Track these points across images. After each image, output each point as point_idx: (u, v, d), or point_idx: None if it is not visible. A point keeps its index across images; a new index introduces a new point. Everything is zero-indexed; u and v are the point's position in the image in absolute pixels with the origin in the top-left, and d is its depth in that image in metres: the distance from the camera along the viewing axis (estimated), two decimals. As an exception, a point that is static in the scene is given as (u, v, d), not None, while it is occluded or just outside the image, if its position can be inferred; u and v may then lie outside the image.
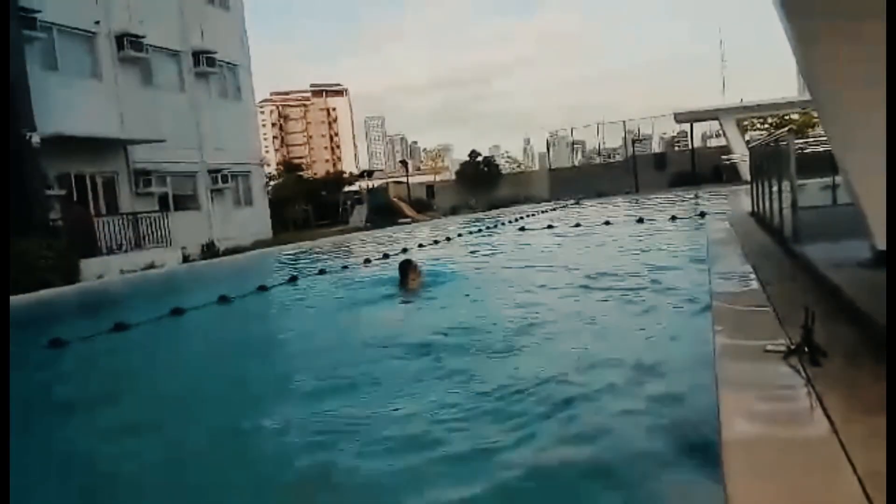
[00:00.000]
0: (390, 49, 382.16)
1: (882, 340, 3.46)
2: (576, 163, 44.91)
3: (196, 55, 22.73)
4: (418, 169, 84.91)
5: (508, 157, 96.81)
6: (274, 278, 11.65)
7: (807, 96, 8.42)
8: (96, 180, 18.77)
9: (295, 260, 15.61)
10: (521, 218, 21.19)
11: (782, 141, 8.20)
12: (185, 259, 18.43)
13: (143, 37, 20.19)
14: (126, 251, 17.07)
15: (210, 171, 22.88)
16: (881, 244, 5.25)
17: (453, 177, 46.26)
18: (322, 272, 11.59)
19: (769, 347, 3.63)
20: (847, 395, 2.94)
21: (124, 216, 18.01)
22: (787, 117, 34.38)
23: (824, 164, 9.68)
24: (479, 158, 42.66)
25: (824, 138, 7.53)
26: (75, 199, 17.76)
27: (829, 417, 2.68)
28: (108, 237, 16.96)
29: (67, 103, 17.45)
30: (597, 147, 45.15)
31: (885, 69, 5.17)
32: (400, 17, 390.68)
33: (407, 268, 8.24)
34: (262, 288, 10.54)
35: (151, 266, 16.53)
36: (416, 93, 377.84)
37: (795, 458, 2.46)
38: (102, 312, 10.50)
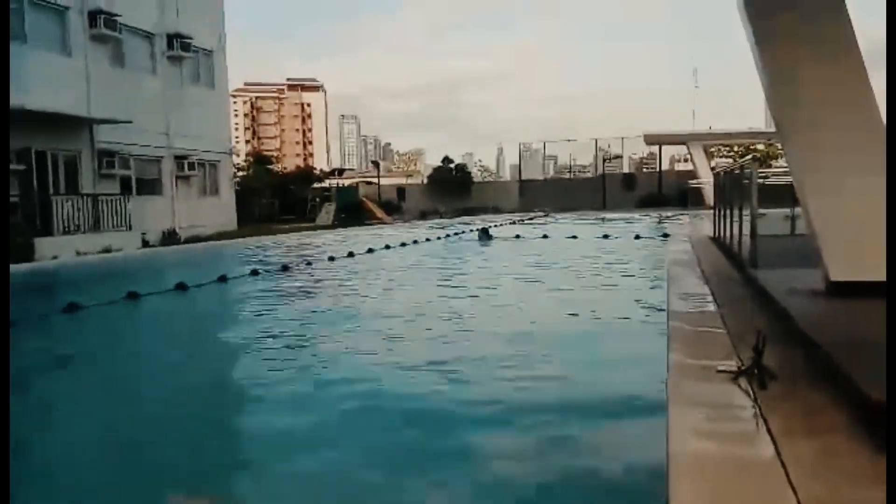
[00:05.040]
0: (370, 52, 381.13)
1: (829, 366, 3.56)
2: (547, 176, 45.33)
3: (170, 38, 22.29)
4: (390, 171, 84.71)
5: (481, 165, 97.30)
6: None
7: (772, 129, 8.67)
8: (58, 158, 18.23)
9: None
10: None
11: (746, 169, 8.41)
12: (145, 244, 18.05)
13: (117, 15, 19.75)
14: (84, 232, 16.62)
15: (176, 157, 22.44)
16: (834, 275, 5.43)
17: (425, 181, 46.23)
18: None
19: (720, 368, 3.71)
20: (792, 417, 3.01)
21: (84, 196, 17.53)
22: (752, 147, 35.27)
23: (785, 195, 9.96)
24: (452, 165, 42.75)
25: (785, 170, 7.76)
26: (35, 175, 17.22)
27: (773, 439, 2.75)
28: (66, 217, 16.49)
29: (33, 77, 16.93)
30: (568, 162, 45.70)
31: (850, 94, 5.37)
32: (382, 22, 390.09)
33: (486, 230, 16.81)
34: (223, 278, 10.36)
35: (109, 249, 16.15)
36: (393, 96, 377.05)
37: (738, 477, 2.51)
38: (53, 292, 10.21)
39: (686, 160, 38.43)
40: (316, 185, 41.41)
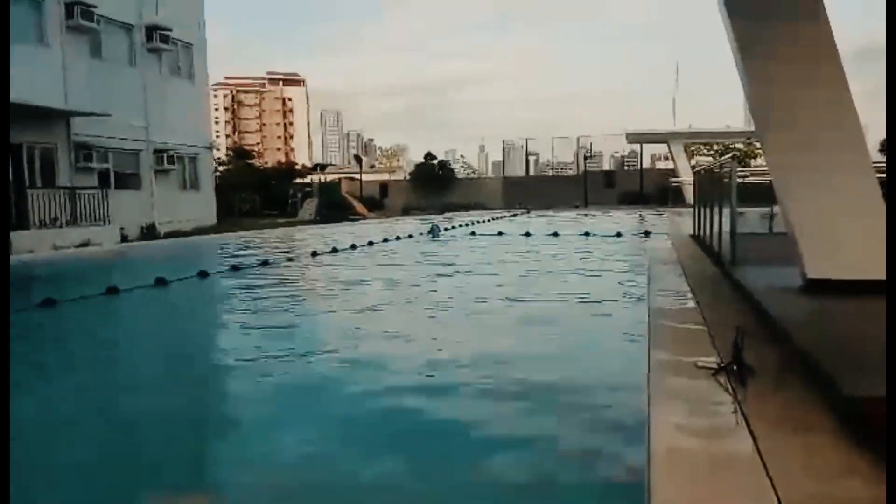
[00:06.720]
0: (353, 49, 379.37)
1: (805, 362, 3.61)
2: (529, 173, 45.49)
3: (150, 30, 21.99)
4: (373, 167, 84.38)
5: (464, 162, 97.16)
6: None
7: (751, 127, 8.80)
8: (34, 151, 17.91)
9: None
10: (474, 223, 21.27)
11: (725, 168, 8.50)
12: (124, 239, 17.83)
13: (94, 6, 19.43)
14: (61, 226, 16.37)
15: (156, 151, 22.16)
16: (811, 272, 5.51)
17: (407, 177, 46.17)
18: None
19: (700, 364, 3.75)
20: (771, 413, 3.05)
21: (61, 190, 17.26)
22: (731, 146, 35.69)
23: (763, 194, 10.11)
24: (435, 161, 42.73)
25: (764, 169, 7.86)
26: (10, 168, 16.92)
27: (752, 434, 2.78)
28: (42, 211, 16.22)
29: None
30: (550, 160, 45.90)
31: (828, 94, 5.46)
32: (366, 20, 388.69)
33: (436, 226, 17.53)
34: (203, 273, 10.27)
35: (87, 243, 15.93)
36: (378, 93, 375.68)
37: (718, 472, 2.54)
38: (28, 287, 10.05)
39: (667, 158, 38.78)
40: (298, 180, 41.17)
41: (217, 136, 74.15)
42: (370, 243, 14.80)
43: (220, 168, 37.85)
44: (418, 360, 5.12)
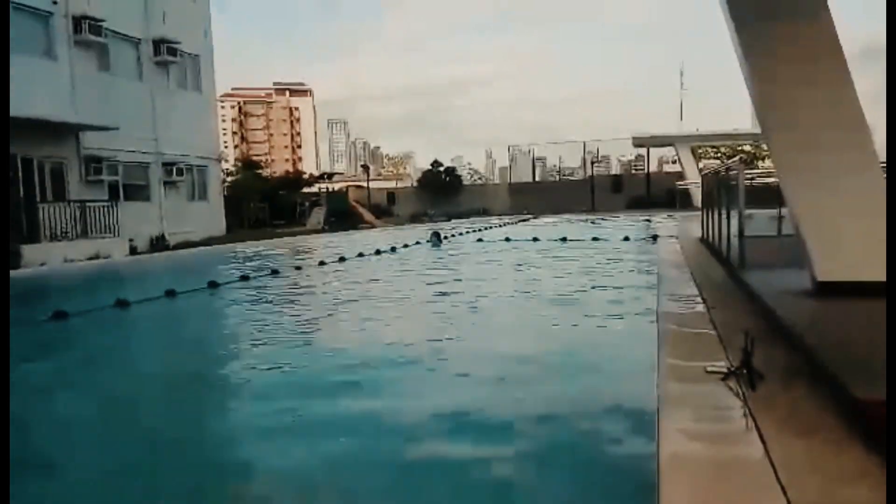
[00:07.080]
0: (358, 57, 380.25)
1: (816, 366, 3.59)
2: (536, 178, 45.46)
3: (157, 43, 22.19)
4: (380, 174, 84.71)
5: (471, 168, 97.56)
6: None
7: (758, 129, 8.75)
8: (44, 165, 18.09)
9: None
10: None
11: (733, 170, 8.47)
12: (133, 251, 17.95)
13: (102, 20, 19.63)
14: (71, 239, 16.51)
15: (164, 163, 22.31)
16: (820, 275, 5.48)
17: (414, 184, 46.24)
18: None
19: (710, 369, 3.74)
20: (780, 417, 3.04)
21: (71, 203, 17.41)
22: (739, 148, 35.58)
23: (772, 196, 10.06)
24: (441, 168, 42.79)
25: (772, 171, 7.84)
26: (21, 182, 17.09)
27: (762, 439, 2.77)
28: (53, 224, 16.37)
29: (17, 83, 16.79)
30: (557, 165, 45.88)
31: (833, 96, 5.44)
32: (370, 27, 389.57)
33: (437, 234, 17.82)
34: (213, 284, 10.32)
35: (97, 256, 16.05)
36: (383, 101, 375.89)
37: (728, 477, 2.53)
38: (40, 300, 10.13)
39: (674, 162, 38.68)
40: (305, 189, 41.31)
41: (225, 147, 74.61)
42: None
43: (229, 178, 38.03)
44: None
